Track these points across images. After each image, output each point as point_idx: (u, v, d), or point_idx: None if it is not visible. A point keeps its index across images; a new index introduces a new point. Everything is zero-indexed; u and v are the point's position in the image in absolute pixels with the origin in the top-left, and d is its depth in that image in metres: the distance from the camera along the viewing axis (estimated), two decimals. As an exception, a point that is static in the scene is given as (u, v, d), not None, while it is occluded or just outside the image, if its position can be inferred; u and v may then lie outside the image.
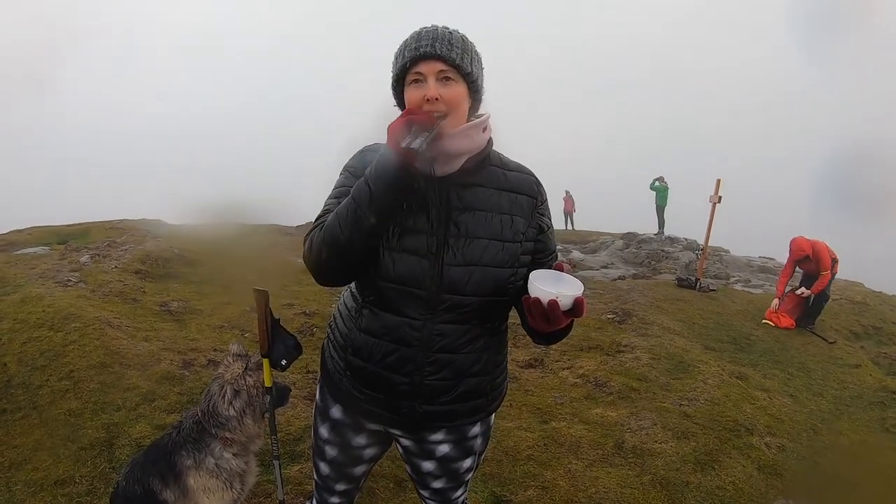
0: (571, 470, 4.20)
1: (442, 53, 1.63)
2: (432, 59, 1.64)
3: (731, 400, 5.67)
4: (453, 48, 1.64)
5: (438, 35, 1.65)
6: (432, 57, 1.63)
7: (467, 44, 1.70)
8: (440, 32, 1.66)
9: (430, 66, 1.64)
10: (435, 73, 1.64)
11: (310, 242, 1.73)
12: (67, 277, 7.51)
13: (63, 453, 3.77)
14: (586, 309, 1.57)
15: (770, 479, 4.42)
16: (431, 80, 1.64)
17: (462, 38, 1.69)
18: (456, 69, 1.65)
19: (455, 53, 1.64)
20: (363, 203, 1.59)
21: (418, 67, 1.65)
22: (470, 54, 1.69)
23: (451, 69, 1.65)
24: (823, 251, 9.01)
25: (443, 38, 1.65)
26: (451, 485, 2.04)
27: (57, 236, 12.37)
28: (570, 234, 23.57)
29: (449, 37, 1.66)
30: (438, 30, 1.67)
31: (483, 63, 1.76)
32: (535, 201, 1.82)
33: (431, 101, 1.63)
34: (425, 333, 1.73)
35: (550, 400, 5.44)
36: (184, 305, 7.28)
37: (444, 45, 1.64)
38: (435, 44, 1.63)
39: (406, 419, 1.84)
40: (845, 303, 11.19)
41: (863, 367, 7.61)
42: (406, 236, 1.69)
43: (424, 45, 1.63)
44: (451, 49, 1.64)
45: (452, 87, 1.65)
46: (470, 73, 1.68)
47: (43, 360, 4.84)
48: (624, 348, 6.95)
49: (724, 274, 14.45)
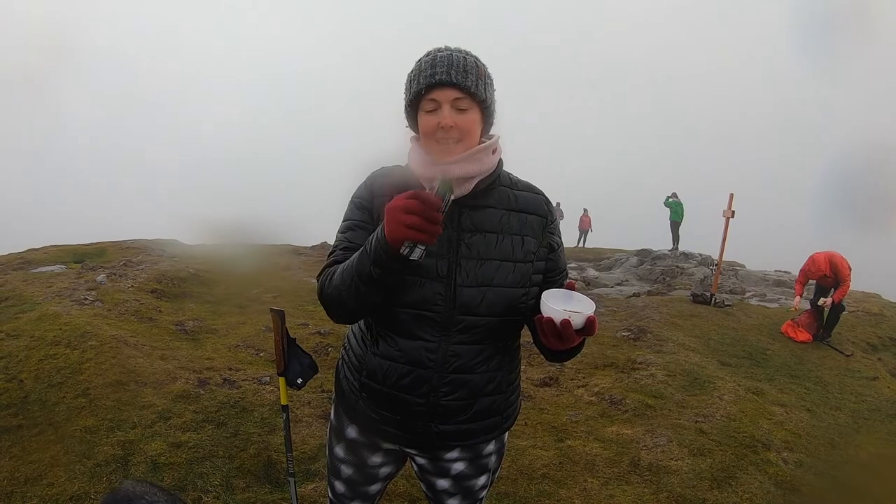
0: (587, 488, 4.18)
1: (458, 81, 1.63)
2: (448, 87, 1.64)
3: (747, 415, 5.64)
4: (468, 76, 1.64)
5: (453, 61, 1.65)
6: (448, 85, 1.63)
7: (481, 69, 1.70)
8: (455, 59, 1.66)
9: (446, 93, 1.64)
10: (450, 101, 1.64)
11: (321, 289, 1.76)
12: (84, 296, 7.56)
13: (78, 469, 3.78)
14: (598, 327, 1.57)
15: (788, 494, 4.39)
16: (446, 108, 1.64)
17: (475, 62, 1.69)
18: (471, 97, 1.65)
19: (470, 81, 1.64)
20: (366, 283, 1.60)
21: (433, 94, 1.65)
22: (484, 80, 1.69)
23: (467, 97, 1.65)
24: (841, 264, 8.97)
25: (458, 65, 1.64)
26: (466, 502, 2.03)
27: (73, 255, 12.47)
28: (585, 252, 23.58)
29: (464, 63, 1.66)
30: (453, 55, 1.67)
31: (495, 84, 1.76)
32: (545, 221, 1.83)
33: (446, 128, 1.64)
34: (440, 355, 1.73)
35: (565, 418, 5.42)
36: (199, 325, 7.31)
37: (460, 72, 1.64)
38: (450, 71, 1.63)
39: (422, 439, 1.84)
40: (862, 315, 11.12)
41: (880, 380, 7.57)
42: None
43: (440, 73, 1.63)
44: (466, 77, 1.64)
45: (467, 115, 1.66)
46: (485, 100, 1.69)
47: (59, 377, 4.87)
48: (639, 365, 6.93)
49: (740, 289, 14.39)
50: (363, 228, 1.79)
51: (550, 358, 1.82)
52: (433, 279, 1.69)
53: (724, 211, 10.77)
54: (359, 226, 1.79)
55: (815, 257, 9.15)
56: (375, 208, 1.77)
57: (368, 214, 1.79)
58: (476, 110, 1.68)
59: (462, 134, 1.66)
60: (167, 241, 14.70)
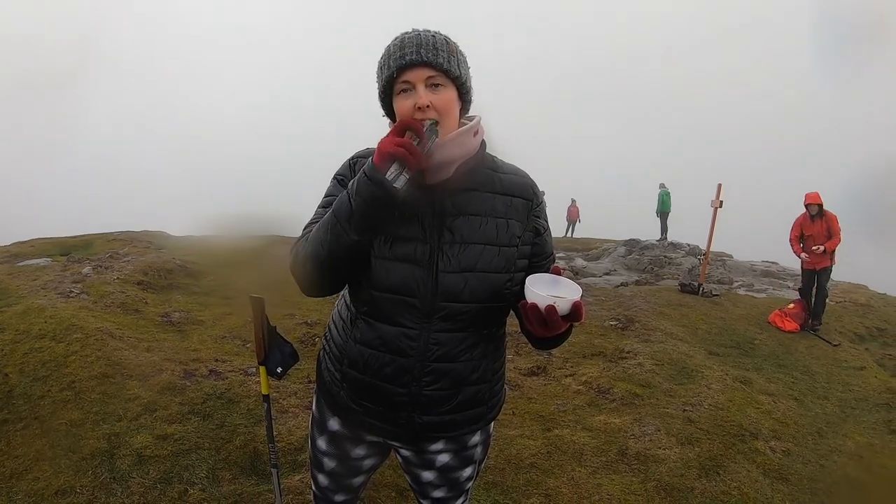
0: (575, 477, 4.18)
1: (429, 59, 1.59)
2: (419, 67, 1.60)
3: (735, 405, 5.66)
4: (439, 53, 1.61)
5: (422, 41, 1.61)
6: (419, 64, 1.60)
7: (452, 46, 1.66)
8: (423, 37, 1.62)
9: (418, 73, 1.61)
10: (423, 80, 1.61)
11: (295, 254, 1.73)
12: (69, 289, 7.53)
13: (64, 463, 3.76)
14: (585, 313, 1.55)
15: (776, 483, 4.40)
16: (421, 88, 1.61)
17: (446, 40, 1.66)
18: (444, 74, 1.62)
19: (442, 58, 1.61)
20: (343, 219, 1.58)
21: (405, 76, 1.62)
22: (456, 56, 1.66)
23: (440, 74, 1.62)
24: (833, 218, 9.14)
25: (427, 44, 1.61)
26: (452, 494, 2.02)
27: (60, 248, 12.41)
28: (573, 242, 23.65)
29: (433, 41, 1.62)
30: (421, 35, 1.63)
31: (469, 63, 1.73)
32: (530, 204, 1.79)
33: (423, 108, 1.60)
34: (421, 343, 1.69)
35: (553, 407, 5.42)
36: (185, 316, 7.29)
37: (430, 50, 1.60)
38: (420, 50, 1.59)
39: (405, 430, 1.81)
40: (849, 305, 11.21)
41: (867, 370, 7.61)
42: (398, 245, 1.66)
43: (410, 53, 1.60)
44: (437, 54, 1.60)
45: (442, 93, 1.63)
46: (459, 77, 1.65)
47: (44, 370, 4.84)
48: (627, 355, 6.95)
49: (728, 279, 14.43)
50: None
51: (536, 345, 1.80)
52: (414, 264, 1.65)
53: (713, 201, 10.82)
54: None
55: (807, 195, 9.25)
56: None
57: None
58: (451, 87, 1.65)
59: (440, 113, 1.62)
60: (154, 232, 14.65)
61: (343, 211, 1.58)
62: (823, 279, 9.40)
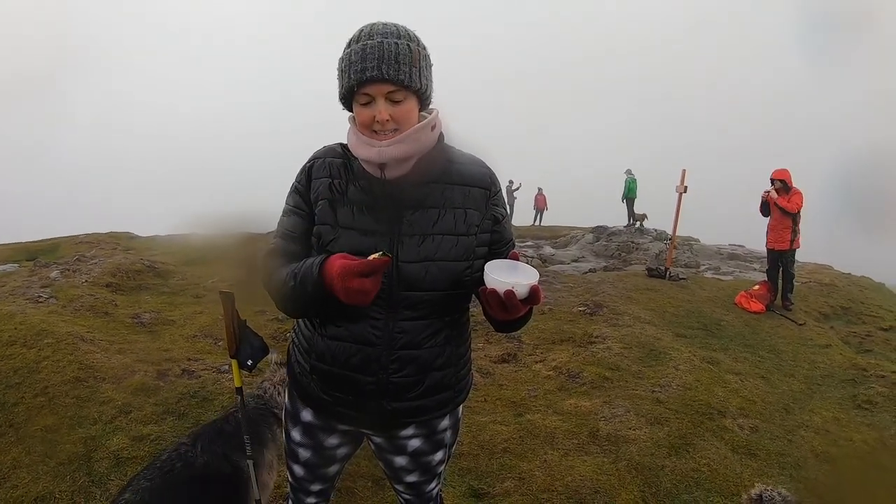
0: (547, 460, 4.26)
1: (390, 77, 1.60)
2: (380, 83, 1.61)
3: (702, 384, 5.77)
4: (401, 68, 1.61)
5: (384, 53, 1.60)
6: (380, 80, 1.61)
7: (415, 54, 1.65)
8: (386, 48, 1.60)
9: (378, 88, 1.62)
10: (384, 95, 1.63)
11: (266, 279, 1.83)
12: (38, 294, 7.45)
13: (41, 469, 3.74)
14: (543, 296, 1.59)
15: (744, 459, 4.51)
16: (381, 102, 1.63)
17: (407, 47, 1.64)
18: (405, 89, 1.64)
19: (403, 74, 1.61)
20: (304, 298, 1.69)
21: (366, 89, 1.63)
22: (418, 66, 1.65)
23: (401, 90, 1.63)
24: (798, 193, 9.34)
25: (389, 57, 1.60)
26: (424, 478, 2.06)
27: (26, 253, 12.26)
28: (541, 230, 23.71)
29: (395, 53, 1.61)
30: (384, 44, 1.61)
31: (431, 59, 1.73)
32: (488, 193, 1.82)
33: (381, 122, 1.63)
34: (387, 332, 1.74)
35: (524, 393, 5.50)
36: (156, 317, 7.25)
37: (392, 66, 1.60)
38: (381, 66, 1.59)
39: (375, 418, 1.85)
40: (814, 285, 11.37)
41: (833, 347, 7.74)
42: (360, 238, 1.70)
43: (371, 69, 1.59)
44: (398, 70, 1.61)
45: (403, 105, 1.66)
46: (419, 88, 1.67)
47: (17, 377, 4.81)
48: (596, 339, 7.02)
49: (695, 262, 14.61)
50: (298, 215, 1.82)
51: (499, 328, 1.84)
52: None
53: (677, 186, 10.89)
54: (294, 212, 1.82)
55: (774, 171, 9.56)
56: (313, 190, 1.79)
57: (303, 199, 1.81)
58: (412, 99, 1.67)
59: (398, 123, 1.65)
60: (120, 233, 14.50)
61: (301, 295, 1.68)
62: (786, 262, 9.61)
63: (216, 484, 2.70)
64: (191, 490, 2.62)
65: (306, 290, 1.64)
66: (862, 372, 6.73)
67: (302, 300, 1.67)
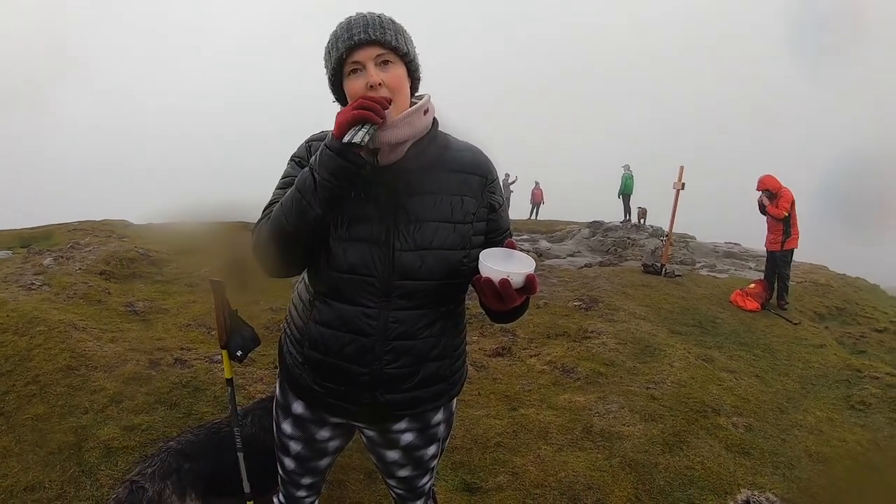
0: (541, 455, 4.24)
1: (377, 38, 1.60)
2: (368, 46, 1.61)
3: (697, 382, 5.77)
4: (386, 31, 1.62)
5: (369, 21, 1.62)
6: (368, 43, 1.61)
7: (398, 25, 1.67)
8: (370, 18, 1.64)
9: (367, 52, 1.62)
10: (373, 59, 1.62)
11: (257, 234, 1.73)
12: (31, 281, 7.42)
13: (32, 459, 3.72)
14: (539, 285, 1.57)
15: (738, 457, 4.50)
16: (371, 67, 1.62)
17: (391, 19, 1.67)
18: (393, 51, 1.64)
19: (389, 36, 1.62)
20: (308, 193, 1.58)
21: (355, 56, 1.62)
22: (403, 35, 1.68)
23: (389, 52, 1.63)
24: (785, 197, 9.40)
25: (374, 23, 1.62)
26: (417, 472, 2.05)
27: (19, 240, 12.17)
28: (537, 224, 23.71)
29: (379, 20, 1.64)
30: (367, 16, 1.64)
31: (415, 42, 1.74)
32: (485, 180, 1.80)
33: (375, 86, 1.61)
34: (381, 322, 1.71)
35: (518, 387, 5.49)
36: (149, 305, 7.23)
37: (377, 29, 1.61)
38: (368, 30, 1.61)
39: (369, 410, 1.83)
40: (809, 285, 11.40)
41: (827, 347, 7.75)
42: (355, 225, 1.67)
43: (358, 34, 1.60)
44: (384, 32, 1.62)
45: (393, 70, 1.64)
46: (407, 54, 1.67)
47: (8, 365, 4.78)
48: (591, 334, 7.02)
49: (690, 260, 14.62)
50: None
51: (494, 319, 1.83)
52: (370, 244, 1.67)
53: (675, 183, 10.90)
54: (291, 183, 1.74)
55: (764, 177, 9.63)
56: None
57: None
58: (400, 65, 1.67)
59: (391, 90, 1.63)
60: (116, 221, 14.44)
61: (307, 186, 1.59)
62: (777, 262, 9.70)
63: (259, 453, 2.80)
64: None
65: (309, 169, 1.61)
66: (856, 373, 6.73)
67: (308, 184, 1.60)
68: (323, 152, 1.57)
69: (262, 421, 2.92)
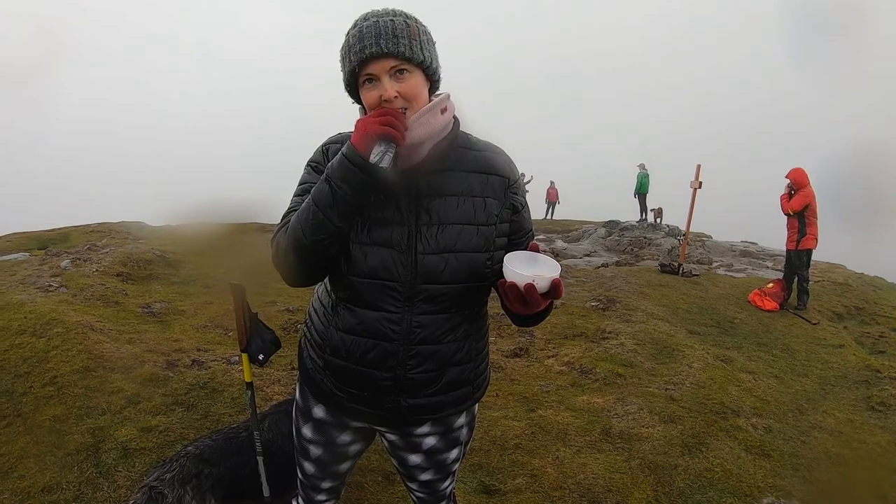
0: (559, 457, 4.22)
1: (389, 50, 1.56)
2: (381, 58, 1.58)
3: (716, 383, 5.73)
4: (399, 42, 1.57)
5: (381, 30, 1.57)
6: (380, 56, 1.57)
7: (413, 28, 1.61)
8: (382, 26, 1.58)
9: (381, 64, 1.58)
10: (387, 71, 1.59)
11: (276, 246, 1.71)
12: (48, 283, 7.44)
13: (49, 460, 3.72)
14: (564, 290, 1.54)
15: (758, 459, 4.46)
16: (385, 80, 1.59)
17: (405, 23, 1.60)
18: (408, 62, 1.59)
19: (402, 46, 1.57)
20: (325, 206, 1.57)
21: (368, 69, 1.59)
22: (418, 40, 1.61)
23: (403, 62, 1.59)
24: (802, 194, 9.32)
25: (386, 33, 1.57)
26: (439, 476, 2.03)
27: (37, 242, 12.27)
28: (553, 224, 23.71)
29: (392, 28, 1.58)
30: (380, 22, 1.58)
31: (433, 38, 1.70)
32: (507, 181, 1.77)
33: (389, 100, 1.58)
34: (404, 326, 1.69)
35: (536, 388, 5.46)
36: (166, 306, 7.24)
37: (390, 40, 1.56)
38: (380, 41, 1.56)
39: (392, 415, 1.81)
40: (828, 284, 11.31)
41: (846, 347, 7.68)
42: (376, 229, 1.65)
43: (370, 46, 1.56)
44: (397, 43, 1.57)
45: (408, 80, 1.60)
46: (423, 61, 1.62)
47: (26, 366, 4.79)
48: (608, 335, 6.99)
49: (707, 259, 14.54)
50: None
51: (517, 322, 1.80)
52: (392, 248, 1.64)
53: (692, 182, 10.84)
54: (309, 189, 1.71)
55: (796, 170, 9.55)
56: None
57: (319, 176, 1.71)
58: (417, 72, 1.62)
59: (407, 101, 1.60)
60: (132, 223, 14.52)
61: (324, 199, 1.56)
62: (792, 261, 9.65)
63: (275, 457, 2.86)
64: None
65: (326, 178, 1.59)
66: (875, 373, 6.67)
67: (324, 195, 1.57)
68: (344, 165, 1.54)
69: (278, 426, 2.94)
